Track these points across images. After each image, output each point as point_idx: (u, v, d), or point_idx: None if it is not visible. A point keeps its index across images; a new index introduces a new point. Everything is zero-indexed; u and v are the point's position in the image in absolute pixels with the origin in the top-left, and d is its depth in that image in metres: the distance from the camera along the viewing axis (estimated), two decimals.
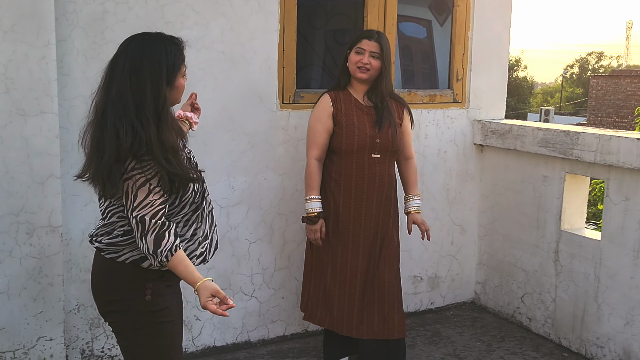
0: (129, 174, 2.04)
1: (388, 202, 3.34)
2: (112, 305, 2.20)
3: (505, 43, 4.48)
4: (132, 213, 2.06)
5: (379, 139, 3.24)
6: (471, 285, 4.63)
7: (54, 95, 3.08)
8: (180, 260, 2.11)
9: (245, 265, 3.78)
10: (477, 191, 4.52)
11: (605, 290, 3.68)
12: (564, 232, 3.92)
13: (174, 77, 2.14)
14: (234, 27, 3.55)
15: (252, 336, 3.86)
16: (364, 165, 3.25)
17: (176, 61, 2.14)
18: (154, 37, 2.16)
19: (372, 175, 3.26)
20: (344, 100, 3.30)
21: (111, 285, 2.19)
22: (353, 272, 3.32)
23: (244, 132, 3.65)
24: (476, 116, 4.43)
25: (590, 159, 3.66)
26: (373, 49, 3.23)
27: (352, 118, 3.25)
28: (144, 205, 2.06)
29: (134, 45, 2.13)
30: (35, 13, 3.01)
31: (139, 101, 2.07)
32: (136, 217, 2.05)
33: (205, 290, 2.11)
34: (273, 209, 3.80)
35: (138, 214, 2.05)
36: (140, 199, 2.05)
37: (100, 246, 2.19)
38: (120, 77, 2.08)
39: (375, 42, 3.25)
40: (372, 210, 3.30)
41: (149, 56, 2.09)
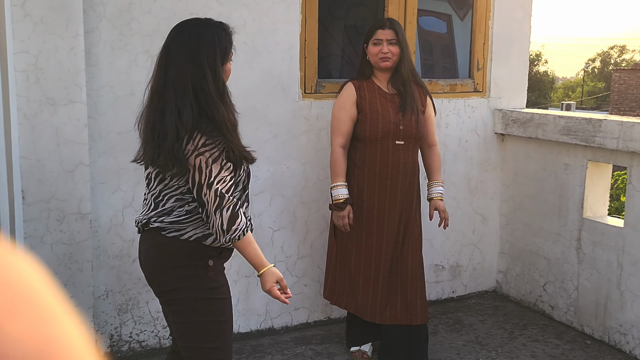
0: (200, 150, 2.12)
1: (412, 188, 3.38)
2: (174, 284, 2.25)
3: (526, 32, 4.48)
4: (208, 187, 2.12)
5: (402, 126, 3.28)
6: (493, 274, 4.64)
7: (83, 85, 3.15)
8: (250, 241, 2.20)
9: (268, 253, 3.83)
10: (499, 180, 4.53)
11: (628, 278, 3.68)
12: (586, 219, 3.93)
13: (226, 59, 2.24)
14: (256, 17, 3.60)
15: (275, 323, 3.92)
16: (388, 152, 3.29)
17: (227, 45, 2.25)
18: (206, 23, 2.27)
19: (396, 162, 3.30)
20: (367, 88, 3.34)
21: (174, 264, 2.25)
22: (377, 258, 3.36)
23: (267, 121, 3.70)
24: (497, 105, 4.44)
25: (612, 146, 3.66)
26: (389, 37, 3.28)
27: (375, 105, 3.29)
28: (219, 180, 2.14)
29: (188, 30, 2.23)
30: (64, 5, 3.08)
31: (199, 83, 2.16)
32: (215, 191, 2.11)
33: (273, 275, 2.21)
34: (296, 198, 3.85)
35: (217, 187, 2.12)
36: (216, 173, 2.13)
37: (162, 225, 2.23)
38: (177, 60, 2.17)
39: (389, 29, 3.30)
40: (397, 197, 3.33)
41: (204, 40, 2.19)
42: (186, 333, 2.30)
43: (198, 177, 2.13)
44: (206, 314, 2.26)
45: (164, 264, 2.26)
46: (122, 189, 3.40)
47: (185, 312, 2.26)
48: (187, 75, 2.16)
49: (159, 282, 2.29)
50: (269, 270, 2.23)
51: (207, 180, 2.12)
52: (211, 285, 2.25)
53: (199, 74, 2.16)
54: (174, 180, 2.21)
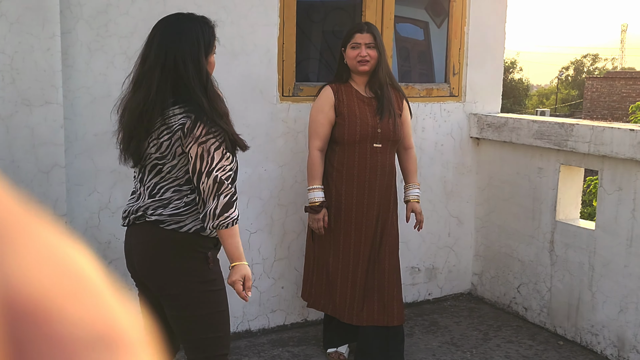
0: (202, 139, 2.17)
1: (389, 190, 3.41)
2: (174, 277, 2.26)
3: (501, 38, 4.55)
4: (208, 175, 2.17)
5: (380, 129, 3.32)
6: (468, 276, 4.70)
7: (59, 86, 3.14)
8: (236, 233, 2.26)
9: (245, 255, 3.81)
10: (474, 183, 4.59)
11: (600, 279, 3.75)
12: (559, 222, 3.99)
13: (209, 52, 2.29)
14: (234, 20, 3.62)
15: (252, 325, 3.92)
16: (366, 154, 3.32)
17: (211, 38, 2.30)
18: (189, 17, 2.32)
19: (374, 164, 3.33)
20: (345, 91, 3.37)
21: (173, 257, 2.27)
22: (355, 259, 3.39)
23: (245, 124, 3.71)
24: (472, 110, 4.50)
25: (584, 150, 3.73)
26: (367, 41, 3.31)
27: (353, 108, 3.32)
28: (219, 168, 2.19)
29: (171, 24, 2.28)
30: (40, 5, 3.07)
31: (183, 75, 2.21)
32: (215, 178, 2.17)
33: (241, 270, 2.25)
34: (273, 200, 3.87)
35: (217, 174, 2.17)
36: (217, 161, 2.19)
37: (160, 218, 2.24)
38: (160, 53, 2.22)
39: (367, 33, 3.33)
40: (374, 199, 3.36)
41: (186, 33, 2.24)
42: (191, 326, 2.31)
43: (199, 164, 2.18)
44: (209, 306, 2.30)
45: (163, 257, 2.27)
46: (98, 191, 3.38)
47: (188, 305, 2.29)
48: (170, 67, 2.21)
49: (157, 277, 2.29)
50: (242, 265, 2.27)
51: (208, 168, 2.18)
52: (210, 277, 2.30)
53: (182, 66, 2.21)
54: (172, 172, 2.23)
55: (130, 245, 2.36)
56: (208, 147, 2.18)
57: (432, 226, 4.44)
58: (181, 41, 2.23)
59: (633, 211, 3.53)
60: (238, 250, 2.27)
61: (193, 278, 2.27)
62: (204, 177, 2.18)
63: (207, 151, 2.18)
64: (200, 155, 2.18)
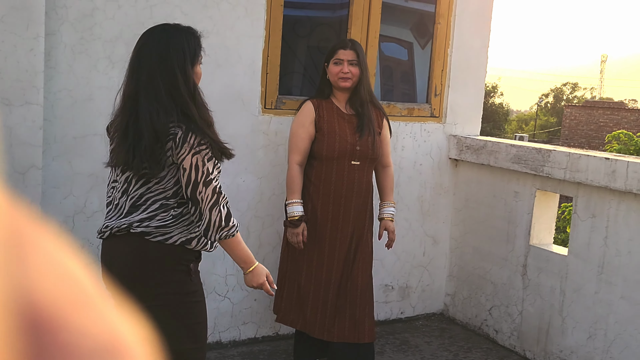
0: (196, 149, 2.18)
1: (364, 208, 3.43)
2: (158, 289, 2.26)
3: (483, 61, 4.61)
4: (205, 185, 2.18)
5: (359, 147, 3.33)
6: (441, 296, 4.72)
7: (40, 87, 3.12)
8: (241, 240, 2.34)
9: (220, 266, 3.82)
10: (451, 204, 4.63)
11: (570, 304, 3.79)
12: (533, 246, 4.04)
13: (195, 62, 2.30)
14: (220, 30, 3.63)
15: (223, 337, 3.90)
16: (343, 171, 3.33)
17: (196, 48, 2.32)
18: (175, 27, 2.34)
19: (351, 181, 3.35)
20: (326, 107, 3.39)
21: (158, 269, 2.26)
22: (328, 275, 3.39)
23: (226, 134, 3.68)
24: (452, 131, 4.55)
25: (560, 176, 3.79)
26: (350, 57, 3.34)
27: (333, 125, 3.34)
28: (214, 178, 2.22)
29: (157, 35, 2.30)
30: (25, 6, 3.05)
31: (171, 85, 2.22)
32: (213, 188, 2.19)
33: (261, 270, 2.38)
34: (250, 212, 3.86)
35: (215, 185, 2.20)
36: (211, 171, 2.21)
37: (146, 230, 2.23)
38: (148, 64, 2.23)
39: (351, 50, 3.36)
40: (350, 216, 3.37)
41: (173, 43, 2.26)
42: (172, 337, 2.30)
43: (194, 175, 2.19)
44: (191, 317, 2.31)
45: (148, 269, 2.26)
46: (74, 195, 3.35)
47: (170, 316, 2.28)
48: (158, 78, 2.22)
49: (141, 288, 2.26)
50: (260, 267, 2.39)
51: (204, 178, 2.19)
52: (192, 289, 2.31)
53: (169, 77, 2.22)
54: (160, 183, 2.23)
55: (111, 257, 2.33)
56: (202, 158, 2.19)
57: (408, 245, 4.47)
58: (169, 51, 2.24)
59: (605, 238, 3.58)
60: (249, 254, 2.37)
61: (176, 289, 2.28)
62: (201, 187, 2.19)
63: (202, 161, 2.19)
64: (195, 165, 2.19)
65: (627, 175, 3.40)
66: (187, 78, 2.25)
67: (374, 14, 4.13)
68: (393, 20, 4.42)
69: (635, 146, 13.63)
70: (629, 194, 3.45)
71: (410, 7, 4.60)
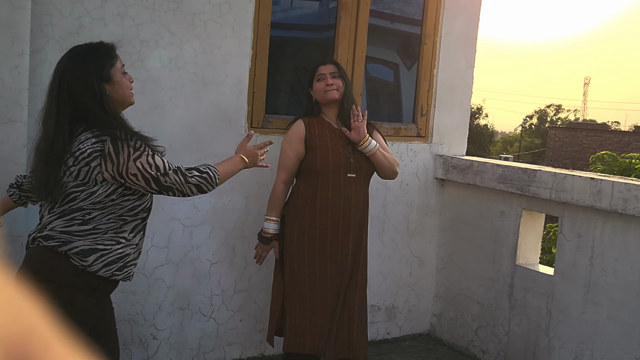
0: (136, 154, 2.27)
1: (363, 223, 3.40)
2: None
3: (469, 82, 4.64)
4: (165, 174, 2.32)
5: (352, 158, 3.32)
6: (427, 317, 4.69)
7: (25, 104, 3.09)
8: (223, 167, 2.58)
9: (205, 286, 3.78)
10: (437, 224, 4.62)
11: (557, 325, 3.78)
12: (519, 266, 4.03)
13: (103, 74, 2.34)
14: (207, 49, 3.63)
15: (208, 358, 3.84)
16: (340, 185, 3.30)
17: (104, 57, 2.36)
18: (83, 46, 2.43)
19: (348, 195, 3.31)
20: (317, 124, 3.38)
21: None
22: (333, 291, 3.30)
23: (212, 153, 3.69)
24: (438, 151, 4.56)
25: (546, 196, 3.80)
26: (331, 70, 3.38)
27: (325, 139, 3.33)
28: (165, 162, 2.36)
29: (65, 57, 2.40)
30: (10, 23, 3.04)
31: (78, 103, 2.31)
32: (175, 171, 2.35)
33: (248, 150, 2.75)
34: (236, 231, 3.84)
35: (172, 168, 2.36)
36: (162, 161, 2.34)
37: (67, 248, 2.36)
38: (52, 87, 2.36)
39: (330, 63, 3.43)
40: (349, 229, 3.32)
41: (76, 62, 2.34)
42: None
43: (151, 172, 2.30)
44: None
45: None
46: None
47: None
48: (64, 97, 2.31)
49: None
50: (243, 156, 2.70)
51: (162, 170, 2.33)
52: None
53: (75, 94, 2.31)
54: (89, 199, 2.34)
55: None
56: (146, 158, 2.29)
57: (394, 265, 4.45)
58: (71, 70, 2.33)
59: (591, 258, 3.59)
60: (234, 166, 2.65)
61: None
62: (165, 178, 2.32)
63: (147, 162, 2.29)
64: (143, 168, 2.28)
65: (613, 195, 3.42)
66: (94, 92, 2.31)
67: (361, 35, 4.16)
68: (379, 41, 4.45)
69: (620, 167, 13.75)
70: (614, 213, 3.46)
71: (396, 29, 4.63)
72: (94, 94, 2.30)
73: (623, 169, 13.66)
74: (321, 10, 4.34)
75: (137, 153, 2.27)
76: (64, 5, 3.23)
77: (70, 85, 2.31)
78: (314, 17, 4.40)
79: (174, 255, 3.67)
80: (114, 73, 2.36)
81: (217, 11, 3.63)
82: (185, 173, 2.38)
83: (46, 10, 3.20)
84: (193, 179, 2.39)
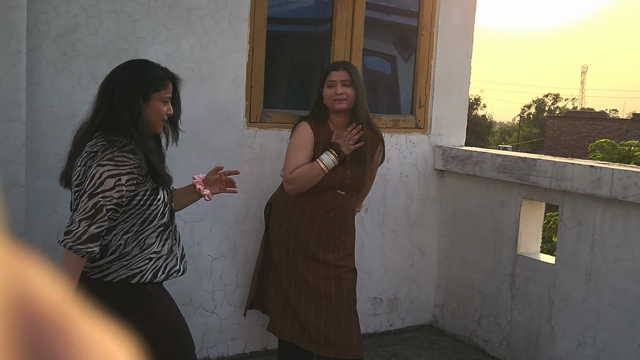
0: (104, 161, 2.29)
1: (349, 227, 3.41)
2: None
3: (467, 72, 4.64)
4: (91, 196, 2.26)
5: (348, 180, 3.27)
6: (429, 308, 4.70)
7: (22, 103, 3.09)
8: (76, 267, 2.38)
9: (207, 281, 3.79)
10: (437, 215, 4.63)
11: (559, 313, 3.79)
12: (520, 256, 4.04)
13: (148, 92, 2.38)
14: (204, 45, 3.62)
15: (211, 353, 3.85)
16: (325, 197, 3.28)
17: (154, 79, 2.40)
18: (141, 60, 2.50)
19: (337, 207, 3.29)
20: (322, 132, 3.28)
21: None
22: (316, 292, 3.34)
23: (211, 148, 3.69)
24: (437, 142, 4.56)
25: (546, 185, 3.80)
26: (343, 78, 3.23)
27: None
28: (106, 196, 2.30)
29: (123, 65, 2.46)
30: (6, 22, 3.03)
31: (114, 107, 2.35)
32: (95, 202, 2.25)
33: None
34: (237, 226, 3.84)
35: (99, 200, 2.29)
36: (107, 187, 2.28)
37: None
38: (101, 87, 2.42)
39: (343, 70, 3.26)
40: (334, 233, 3.33)
41: (131, 72, 2.39)
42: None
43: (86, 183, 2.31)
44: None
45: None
46: (58, 212, 3.31)
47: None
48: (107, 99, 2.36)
49: None
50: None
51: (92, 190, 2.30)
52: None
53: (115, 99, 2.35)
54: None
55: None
56: (102, 171, 2.24)
57: (395, 257, 4.46)
58: (123, 77, 2.37)
59: (592, 246, 3.60)
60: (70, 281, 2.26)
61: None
62: (85, 197, 2.24)
63: (99, 174, 2.24)
64: (92, 175, 2.25)
65: (612, 182, 3.42)
66: (134, 105, 2.34)
67: (357, 28, 4.15)
68: (376, 34, 4.44)
69: (619, 155, 13.76)
70: (615, 201, 3.46)
71: (393, 21, 4.62)
72: (133, 106, 2.34)
73: (622, 157, 13.67)
74: (317, 4, 4.33)
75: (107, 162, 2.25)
76: (59, 3, 3.22)
77: (115, 88, 2.35)
78: (310, 10, 4.39)
79: None
80: (154, 97, 2.40)
81: (213, 6, 3.62)
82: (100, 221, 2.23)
83: (42, 9, 3.19)
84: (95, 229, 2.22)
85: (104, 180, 2.23)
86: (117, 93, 2.34)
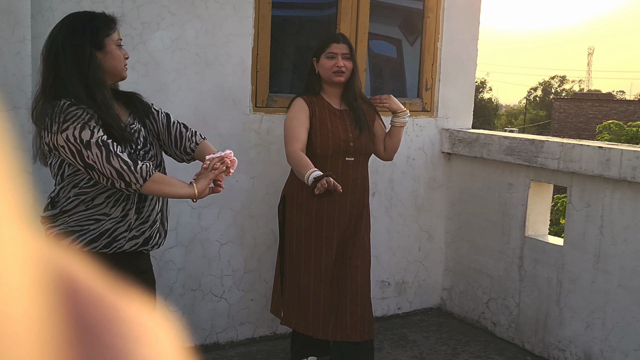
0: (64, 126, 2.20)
1: (361, 204, 3.38)
2: None
3: (473, 54, 4.60)
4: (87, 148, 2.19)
5: (352, 142, 3.28)
6: (437, 291, 4.71)
7: (28, 91, 3.08)
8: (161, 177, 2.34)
9: (215, 267, 3.79)
10: (445, 198, 4.61)
11: (567, 295, 3.78)
12: (528, 238, 4.03)
13: (99, 39, 2.29)
14: (209, 30, 3.60)
15: (220, 338, 3.87)
16: (337, 168, 3.27)
17: (101, 25, 2.31)
18: (79, 12, 2.40)
19: (345, 178, 3.28)
20: (317, 104, 3.31)
21: None
22: (327, 275, 3.34)
23: (217, 134, 3.68)
24: (444, 125, 4.53)
25: (554, 167, 3.78)
26: (344, 51, 3.26)
27: (325, 122, 3.27)
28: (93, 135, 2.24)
29: (60, 22, 2.35)
30: (11, 9, 3.02)
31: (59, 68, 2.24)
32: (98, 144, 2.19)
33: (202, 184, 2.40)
34: (244, 211, 3.84)
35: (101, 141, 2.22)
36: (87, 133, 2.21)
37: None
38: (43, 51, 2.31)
39: (344, 43, 3.28)
40: (345, 212, 3.32)
41: (70, 27, 2.29)
42: None
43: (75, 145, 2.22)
44: None
45: None
46: None
47: None
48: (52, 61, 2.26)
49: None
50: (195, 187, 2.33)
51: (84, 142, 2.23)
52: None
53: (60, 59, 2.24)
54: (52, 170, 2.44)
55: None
56: (73, 131, 2.16)
57: (403, 240, 4.45)
58: (65, 33, 2.27)
59: (601, 227, 3.58)
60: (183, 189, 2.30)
61: None
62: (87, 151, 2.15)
63: (73, 135, 2.15)
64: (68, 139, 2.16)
65: (621, 163, 3.40)
66: (83, 58, 2.24)
67: (363, 11, 4.12)
68: (381, 17, 4.41)
69: (626, 136, 13.70)
70: (623, 182, 3.44)
71: (398, 4, 4.58)
72: (83, 58, 2.24)
73: (630, 138, 13.61)
74: None
75: (65, 125, 2.16)
76: None
77: (58, 49, 2.24)
78: None
79: (183, 237, 3.68)
80: (108, 43, 2.31)
81: None
82: (111, 152, 2.16)
83: None
84: (115, 161, 2.15)
85: (80, 134, 2.15)
86: (62, 52, 2.23)
